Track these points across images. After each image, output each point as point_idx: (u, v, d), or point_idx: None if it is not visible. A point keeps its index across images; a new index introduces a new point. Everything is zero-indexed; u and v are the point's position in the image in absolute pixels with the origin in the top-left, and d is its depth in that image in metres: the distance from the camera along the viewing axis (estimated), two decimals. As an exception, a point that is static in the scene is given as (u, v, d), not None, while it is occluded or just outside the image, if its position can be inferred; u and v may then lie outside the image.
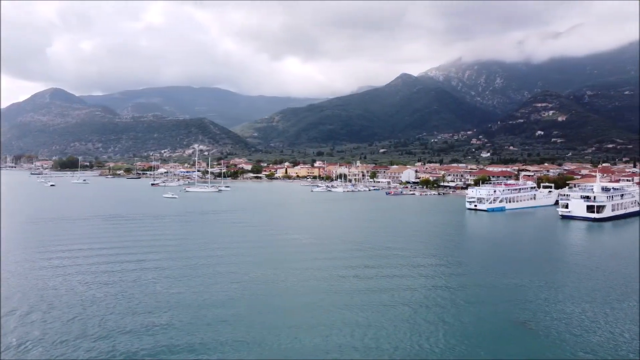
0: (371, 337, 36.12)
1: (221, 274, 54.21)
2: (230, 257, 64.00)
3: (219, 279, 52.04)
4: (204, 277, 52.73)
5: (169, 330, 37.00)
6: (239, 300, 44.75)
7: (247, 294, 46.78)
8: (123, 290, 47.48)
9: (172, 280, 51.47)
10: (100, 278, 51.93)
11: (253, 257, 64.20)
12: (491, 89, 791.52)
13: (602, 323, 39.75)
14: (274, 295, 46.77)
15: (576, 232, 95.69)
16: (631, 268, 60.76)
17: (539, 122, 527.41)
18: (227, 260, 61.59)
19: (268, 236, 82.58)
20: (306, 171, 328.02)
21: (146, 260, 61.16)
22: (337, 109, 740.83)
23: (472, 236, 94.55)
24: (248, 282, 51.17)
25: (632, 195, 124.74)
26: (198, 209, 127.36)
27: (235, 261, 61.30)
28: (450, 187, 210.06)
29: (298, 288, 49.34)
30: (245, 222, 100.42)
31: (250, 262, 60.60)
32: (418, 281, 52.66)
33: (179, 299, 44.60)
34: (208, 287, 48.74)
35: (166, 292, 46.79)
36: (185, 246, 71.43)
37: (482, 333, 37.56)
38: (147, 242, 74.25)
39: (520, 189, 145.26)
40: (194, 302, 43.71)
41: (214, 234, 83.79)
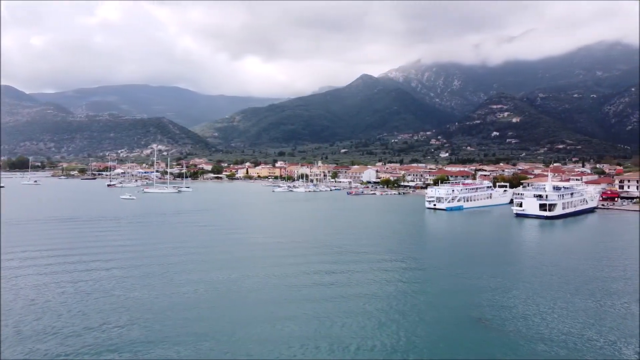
0: (329, 338, 36.21)
1: (182, 277, 53.17)
2: (191, 259, 62.84)
3: (180, 282, 51.00)
4: (165, 280, 51.56)
5: (128, 334, 35.95)
6: (200, 304, 43.98)
7: (207, 297, 46.04)
8: (79, 295, 45.77)
9: (132, 284, 50.07)
10: (55, 284, 49.93)
11: (214, 258, 63.28)
12: (449, 90, 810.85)
13: (555, 317, 41.24)
14: (235, 297, 46.24)
15: (530, 230, 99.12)
16: (581, 263, 63.46)
17: (495, 123, 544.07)
18: (188, 263, 60.46)
19: (230, 237, 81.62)
20: (267, 171, 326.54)
21: (104, 264, 59.28)
22: (298, 109, 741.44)
23: (431, 235, 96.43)
24: (209, 284, 50.40)
25: (580, 194, 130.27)
26: (157, 210, 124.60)
27: (197, 263, 60.27)
28: (410, 187, 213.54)
29: (259, 289, 48.93)
30: (207, 224, 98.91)
31: (211, 264, 59.70)
32: (379, 280, 53.25)
33: (138, 304, 43.44)
34: (169, 290, 47.68)
35: (125, 297, 45.48)
36: (145, 249, 69.64)
37: (441, 330, 38.28)
38: (104, 245, 71.97)
39: (477, 188, 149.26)
40: (154, 306, 42.66)
41: (174, 236, 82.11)
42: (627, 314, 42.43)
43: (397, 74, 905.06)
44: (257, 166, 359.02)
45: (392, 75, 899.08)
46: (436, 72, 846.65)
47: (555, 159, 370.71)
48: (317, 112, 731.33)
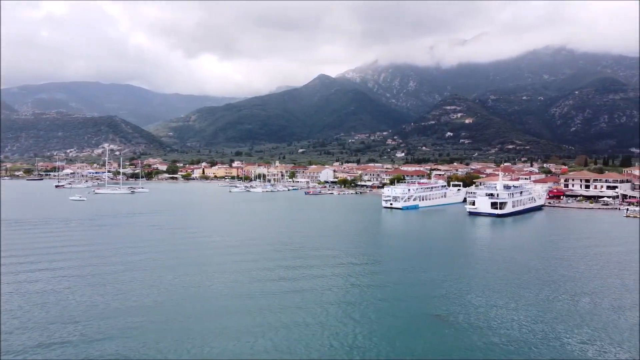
0: (287, 338, 36.09)
1: (136, 280, 51.68)
2: (145, 261, 61.20)
3: (133, 285, 49.53)
4: (118, 284, 49.95)
5: (80, 341, 34.62)
6: (154, 307, 42.87)
7: (163, 300, 44.93)
8: (25, 301, 43.72)
9: (83, 288, 48.24)
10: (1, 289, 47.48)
11: (170, 260, 61.87)
12: (405, 91, 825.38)
13: (507, 310, 42.62)
14: (191, 300, 45.28)
15: (482, 228, 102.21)
16: (531, 259, 65.98)
17: (449, 124, 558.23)
18: (142, 265, 58.84)
19: (186, 239, 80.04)
20: (224, 171, 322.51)
21: (53, 268, 56.83)
22: (255, 109, 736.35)
23: (388, 233, 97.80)
24: (164, 286, 49.22)
25: (529, 193, 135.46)
26: (110, 211, 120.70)
27: (151, 266, 58.75)
28: (367, 187, 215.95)
29: (215, 291, 48.21)
30: (162, 225, 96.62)
31: (167, 266, 58.34)
32: (337, 279, 53.54)
33: (90, 309, 41.91)
34: (122, 294, 46.24)
35: (77, 302, 43.77)
36: (97, 251, 67.21)
37: (398, 326, 38.86)
38: (53, 248, 69.03)
39: (432, 187, 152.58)
40: (106, 310, 41.29)
41: (128, 238, 79.72)
42: (572, 306, 44.38)
43: (354, 74, 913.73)
44: (213, 166, 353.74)
45: (349, 76, 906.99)
46: (392, 73, 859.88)
47: (505, 158, 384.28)
48: (274, 112, 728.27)
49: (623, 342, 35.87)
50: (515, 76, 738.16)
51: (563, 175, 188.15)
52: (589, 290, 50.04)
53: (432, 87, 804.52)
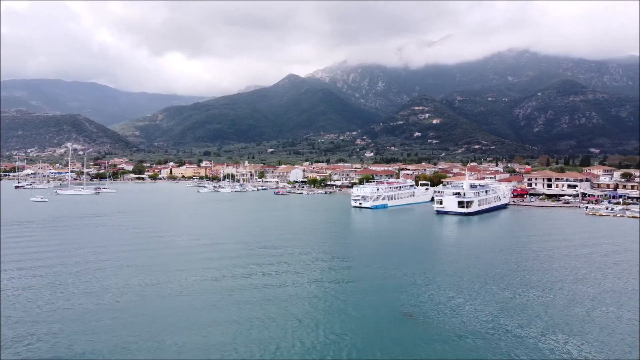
0: (256, 338, 35.88)
1: (101, 283, 50.39)
2: (112, 263, 59.77)
3: (99, 288, 48.29)
4: (83, 286, 48.61)
5: (50, 344, 33.51)
6: (122, 311, 41.91)
7: (130, 303, 43.97)
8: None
9: (46, 290, 46.72)
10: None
11: (138, 262, 60.60)
12: (374, 91, 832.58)
13: (474, 306, 43.50)
14: (161, 302, 44.51)
15: (449, 226, 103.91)
16: (496, 256, 67.48)
17: (417, 124, 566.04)
18: (108, 268, 57.44)
19: (154, 240, 78.54)
20: (192, 171, 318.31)
21: (12, 269, 54.80)
22: (224, 108, 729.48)
23: (357, 233, 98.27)
24: (131, 289, 48.15)
25: (494, 192, 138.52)
26: (74, 213, 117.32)
27: (119, 268, 57.41)
28: (336, 186, 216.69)
29: (185, 293, 47.48)
30: (129, 226, 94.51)
31: (135, 268, 57.11)
32: (306, 279, 53.48)
33: (58, 311, 40.64)
34: (90, 297, 45.03)
35: (43, 306, 42.33)
36: (61, 254, 65.18)
37: (368, 326, 39.10)
38: (14, 250, 66.60)
39: (400, 187, 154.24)
40: (71, 314, 40.14)
41: (93, 240, 77.61)
42: (536, 300, 45.60)
43: (324, 74, 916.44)
44: (181, 166, 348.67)
45: (319, 76, 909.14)
46: (361, 74, 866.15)
47: (472, 158, 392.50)
48: (243, 112, 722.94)
49: (584, 333, 37.04)
50: (480, 78, 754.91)
51: (527, 174, 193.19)
52: (552, 286, 51.47)
53: (401, 87, 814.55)
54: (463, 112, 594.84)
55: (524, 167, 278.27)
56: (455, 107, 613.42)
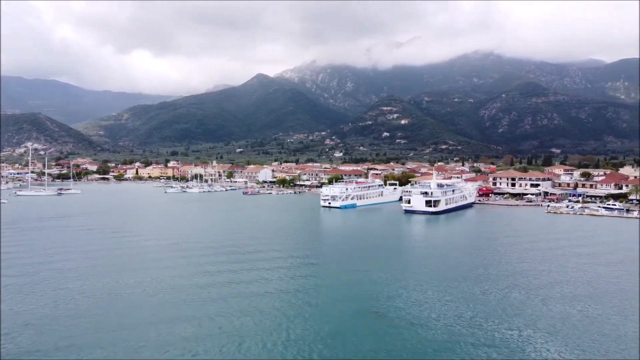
0: (226, 340, 35.62)
1: (68, 285, 48.98)
2: (78, 265, 58.19)
3: (66, 291, 46.95)
4: (46, 291, 47.15)
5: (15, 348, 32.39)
6: (89, 313, 40.89)
7: (98, 305, 42.92)
8: None
9: (6, 295, 45.06)
10: None
11: (104, 264, 59.18)
12: (343, 92, 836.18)
13: (443, 303, 44.27)
14: (131, 303, 43.60)
15: (417, 225, 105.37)
16: (462, 254, 68.86)
17: (385, 125, 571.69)
18: (74, 270, 55.86)
19: (120, 241, 76.81)
20: (159, 171, 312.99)
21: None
22: (192, 107, 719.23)
23: (327, 232, 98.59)
24: (99, 291, 47.00)
25: (461, 191, 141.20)
26: (34, 214, 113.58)
27: (84, 270, 55.93)
28: (305, 186, 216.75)
29: (154, 294, 46.67)
30: (93, 227, 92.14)
31: (101, 270, 55.76)
32: (276, 279, 53.33)
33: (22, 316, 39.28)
34: (50, 301, 43.72)
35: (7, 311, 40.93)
36: (22, 257, 62.99)
37: (338, 324, 39.35)
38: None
39: (369, 186, 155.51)
40: (32, 318, 38.89)
41: (56, 242, 75.29)
42: (504, 298, 46.74)
43: (293, 74, 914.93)
44: (148, 166, 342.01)
45: (288, 76, 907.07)
46: (330, 74, 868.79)
47: (439, 158, 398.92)
48: (211, 111, 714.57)
49: (556, 332, 38.17)
50: (447, 79, 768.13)
51: (492, 174, 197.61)
52: (519, 284, 52.86)
53: (369, 88, 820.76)
54: (430, 112, 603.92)
55: (489, 166, 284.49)
56: (422, 107, 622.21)
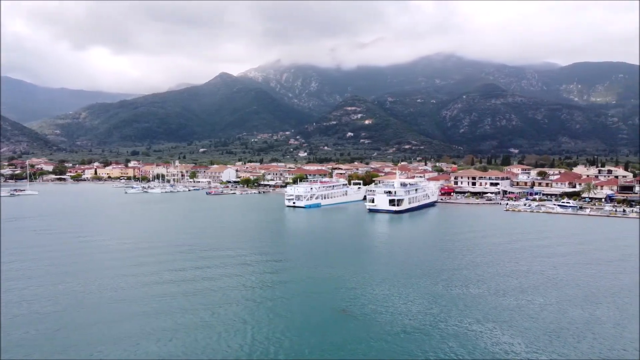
0: (191, 340, 35.04)
1: (27, 289, 47.00)
2: (36, 269, 55.96)
3: (26, 295, 45.04)
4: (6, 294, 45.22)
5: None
6: (47, 317, 39.37)
7: (57, 308, 41.40)
8: None
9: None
10: None
11: (63, 267, 57.15)
12: (307, 91, 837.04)
13: (407, 300, 44.85)
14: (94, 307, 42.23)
15: (381, 224, 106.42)
16: (425, 252, 69.99)
17: (350, 124, 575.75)
18: (33, 273, 53.67)
19: (79, 243, 74.40)
20: (119, 172, 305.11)
21: None
22: (153, 106, 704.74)
23: (292, 232, 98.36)
24: (60, 295, 45.37)
25: (423, 190, 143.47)
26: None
27: (42, 273, 53.84)
28: (270, 186, 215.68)
29: (117, 298, 45.37)
30: (50, 229, 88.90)
31: (60, 274, 53.81)
32: (241, 279, 52.83)
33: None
34: (12, 305, 41.88)
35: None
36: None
37: (306, 323, 39.40)
38: None
39: (334, 186, 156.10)
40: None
41: (11, 246, 72.15)
42: (464, 293, 47.74)
43: (257, 73, 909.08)
44: (107, 166, 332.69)
45: (252, 75, 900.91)
46: (294, 74, 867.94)
47: (402, 158, 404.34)
48: (173, 110, 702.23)
49: (511, 321, 39.19)
50: (410, 80, 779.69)
51: (453, 173, 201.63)
52: (477, 278, 54.09)
53: (333, 88, 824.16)
54: (394, 113, 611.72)
55: (451, 166, 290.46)
56: (386, 108, 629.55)
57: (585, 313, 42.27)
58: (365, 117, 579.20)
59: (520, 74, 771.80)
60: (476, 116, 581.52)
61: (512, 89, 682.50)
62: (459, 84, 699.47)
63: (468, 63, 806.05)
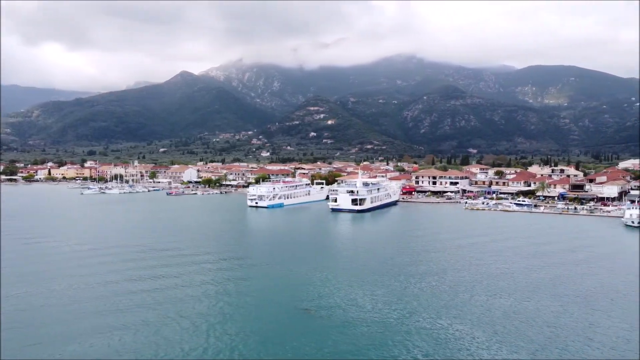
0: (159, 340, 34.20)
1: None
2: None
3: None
4: None
5: None
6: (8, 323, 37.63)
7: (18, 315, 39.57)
8: None
9: None
10: None
11: (14, 272, 54.61)
12: (270, 91, 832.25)
13: (371, 298, 45.21)
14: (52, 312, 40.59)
15: (344, 223, 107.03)
16: (388, 250, 70.82)
17: (312, 124, 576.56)
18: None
19: (31, 247, 71.39)
20: (75, 172, 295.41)
21: None
22: (111, 105, 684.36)
23: (254, 232, 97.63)
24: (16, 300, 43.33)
25: (385, 189, 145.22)
26: None
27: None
28: (232, 186, 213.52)
29: (76, 301, 43.77)
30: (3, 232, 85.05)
31: (11, 278, 51.39)
32: (205, 280, 52.01)
33: None
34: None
35: None
36: None
37: (270, 324, 39.19)
38: None
39: (296, 186, 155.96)
40: None
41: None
42: (424, 289, 48.50)
43: (218, 72, 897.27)
44: (62, 166, 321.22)
45: (213, 74, 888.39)
46: (257, 73, 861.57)
47: (364, 157, 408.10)
48: (132, 109, 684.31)
49: (465, 315, 40.04)
50: (372, 80, 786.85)
51: (414, 173, 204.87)
52: (438, 275, 55.08)
53: (296, 87, 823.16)
54: (356, 113, 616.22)
55: (412, 166, 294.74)
56: (348, 108, 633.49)
57: (532, 302, 43.74)
58: (328, 117, 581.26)
59: (478, 76, 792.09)
60: (436, 117, 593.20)
61: (470, 91, 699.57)
62: (420, 85, 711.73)
63: (428, 64, 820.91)
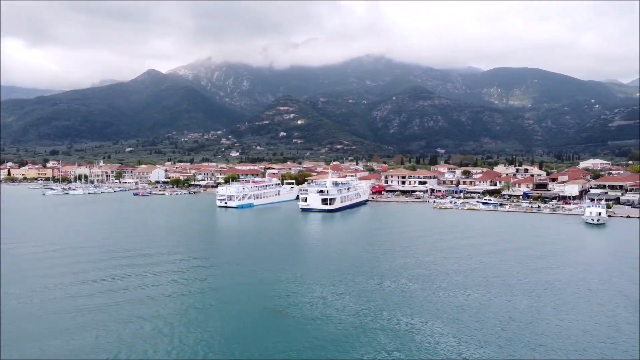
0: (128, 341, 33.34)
1: None
2: None
3: None
4: None
5: None
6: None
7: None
8: None
9: None
10: None
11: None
12: (239, 90, 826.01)
13: (344, 297, 45.22)
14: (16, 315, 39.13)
15: (314, 223, 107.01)
16: (358, 250, 71.12)
17: (282, 124, 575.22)
18: None
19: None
20: (37, 172, 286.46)
21: None
22: (75, 103, 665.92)
23: (224, 233, 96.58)
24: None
25: (355, 189, 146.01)
26: None
27: None
28: (201, 186, 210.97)
29: (35, 302, 42.26)
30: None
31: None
32: (174, 282, 51.07)
33: None
34: None
35: None
36: None
37: (241, 324, 38.80)
38: None
39: (266, 186, 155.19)
40: None
41: None
42: (396, 289, 48.88)
43: (187, 71, 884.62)
44: (22, 167, 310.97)
45: (181, 73, 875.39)
46: (226, 72, 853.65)
47: (334, 157, 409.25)
48: (97, 107, 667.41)
49: (441, 313, 40.53)
50: (342, 81, 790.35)
51: (384, 172, 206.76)
52: (408, 274, 55.59)
53: (266, 87, 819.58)
54: (326, 113, 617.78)
55: (382, 165, 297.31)
56: (318, 108, 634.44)
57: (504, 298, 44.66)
58: (298, 117, 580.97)
59: (445, 77, 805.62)
60: (405, 117, 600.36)
61: (438, 92, 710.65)
62: (389, 86, 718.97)
63: (397, 65, 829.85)
